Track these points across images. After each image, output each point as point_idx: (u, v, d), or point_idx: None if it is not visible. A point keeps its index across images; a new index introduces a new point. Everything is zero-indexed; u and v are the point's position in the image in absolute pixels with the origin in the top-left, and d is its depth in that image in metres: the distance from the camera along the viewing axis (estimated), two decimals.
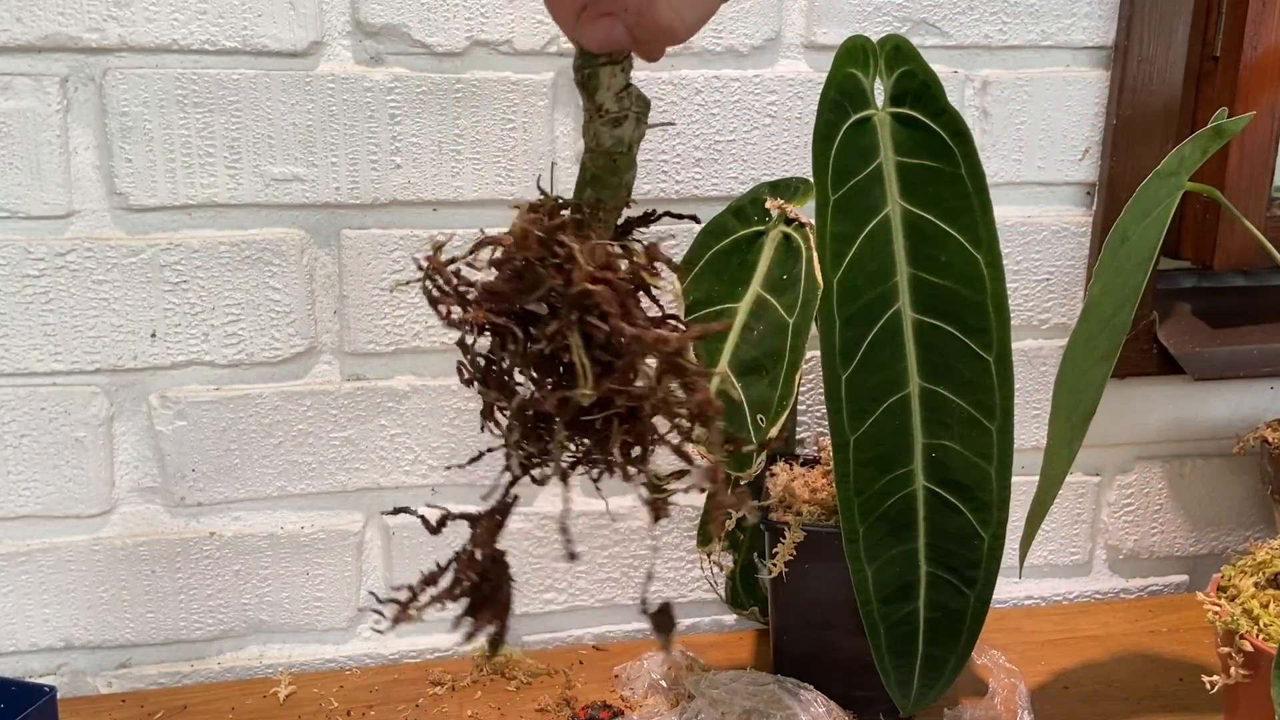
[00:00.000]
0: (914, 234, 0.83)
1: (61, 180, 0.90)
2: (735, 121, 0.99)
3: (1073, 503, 1.15)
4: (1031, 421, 1.10)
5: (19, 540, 0.95)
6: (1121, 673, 1.02)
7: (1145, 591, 1.20)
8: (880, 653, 0.88)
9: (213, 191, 0.92)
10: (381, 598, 0.96)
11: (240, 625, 1.00)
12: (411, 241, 0.96)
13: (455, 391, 0.99)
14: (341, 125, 0.93)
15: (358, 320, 0.97)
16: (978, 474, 0.85)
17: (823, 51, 0.99)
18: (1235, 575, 0.90)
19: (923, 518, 0.86)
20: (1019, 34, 1.02)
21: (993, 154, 1.04)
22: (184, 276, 0.93)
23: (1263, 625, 0.84)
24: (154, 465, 0.96)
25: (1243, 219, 0.85)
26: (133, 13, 0.88)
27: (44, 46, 0.88)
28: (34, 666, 0.98)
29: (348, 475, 1.00)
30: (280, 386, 0.97)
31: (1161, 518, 1.18)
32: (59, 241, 0.91)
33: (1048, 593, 1.18)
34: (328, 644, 1.03)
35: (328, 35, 0.92)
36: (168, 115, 0.90)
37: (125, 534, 0.97)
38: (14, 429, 0.93)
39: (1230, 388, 1.16)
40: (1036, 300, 1.09)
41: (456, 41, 0.93)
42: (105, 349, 0.93)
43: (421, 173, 0.95)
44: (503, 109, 0.95)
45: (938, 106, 0.82)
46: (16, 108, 0.88)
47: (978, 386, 0.84)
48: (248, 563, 0.99)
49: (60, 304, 0.92)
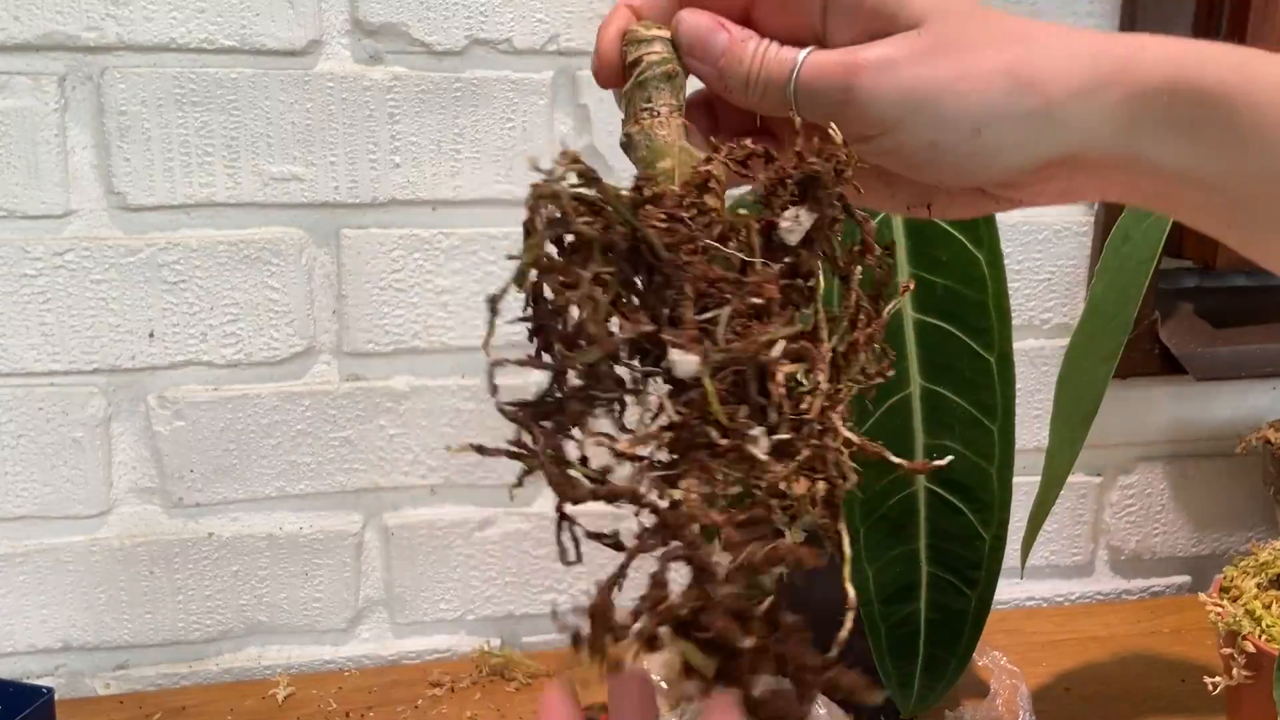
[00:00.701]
0: (915, 233, 0.82)
1: (59, 179, 0.90)
2: None
3: (1074, 503, 1.15)
4: (1033, 422, 1.10)
5: (16, 541, 0.95)
6: (1123, 674, 1.02)
7: (1147, 592, 1.19)
8: (881, 653, 0.87)
9: (211, 191, 0.92)
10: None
11: (239, 626, 1.00)
12: (411, 241, 0.96)
13: (454, 391, 0.99)
14: (340, 124, 0.93)
15: (357, 320, 0.97)
16: (979, 474, 0.85)
17: None
18: (1237, 576, 0.89)
19: (924, 518, 0.86)
20: None
21: None
22: (182, 276, 0.93)
23: (1265, 626, 0.84)
24: (152, 466, 0.96)
25: None
26: (131, 11, 0.88)
27: (42, 45, 0.87)
28: (31, 668, 0.98)
29: (346, 476, 0.99)
30: (279, 387, 0.97)
31: (1163, 518, 1.18)
32: (56, 241, 0.91)
33: (1049, 593, 1.17)
34: (326, 645, 1.03)
35: (326, 34, 0.92)
36: (166, 114, 0.90)
37: (123, 535, 0.96)
38: (11, 429, 0.93)
39: (1232, 388, 1.16)
40: (1038, 300, 1.08)
41: (456, 40, 0.93)
42: (103, 349, 0.93)
43: (421, 172, 0.95)
44: (502, 108, 0.95)
45: None
46: (14, 107, 0.88)
47: (979, 386, 0.84)
48: (246, 563, 0.99)
49: (58, 304, 0.91)
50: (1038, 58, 0.41)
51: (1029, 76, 0.41)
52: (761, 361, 0.36)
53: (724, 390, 0.36)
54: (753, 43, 0.44)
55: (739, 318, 0.37)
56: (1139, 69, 0.41)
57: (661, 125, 0.42)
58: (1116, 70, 0.41)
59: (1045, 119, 0.41)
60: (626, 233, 0.37)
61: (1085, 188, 0.44)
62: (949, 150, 0.42)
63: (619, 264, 0.37)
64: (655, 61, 0.43)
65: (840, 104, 0.42)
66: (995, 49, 0.41)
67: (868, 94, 0.41)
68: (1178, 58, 0.41)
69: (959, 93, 0.41)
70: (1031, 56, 0.41)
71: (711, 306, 0.37)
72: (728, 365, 0.36)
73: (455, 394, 0.99)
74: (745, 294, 0.37)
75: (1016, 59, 0.41)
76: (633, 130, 0.43)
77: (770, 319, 0.37)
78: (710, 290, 0.37)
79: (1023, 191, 0.44)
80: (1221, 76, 0.40)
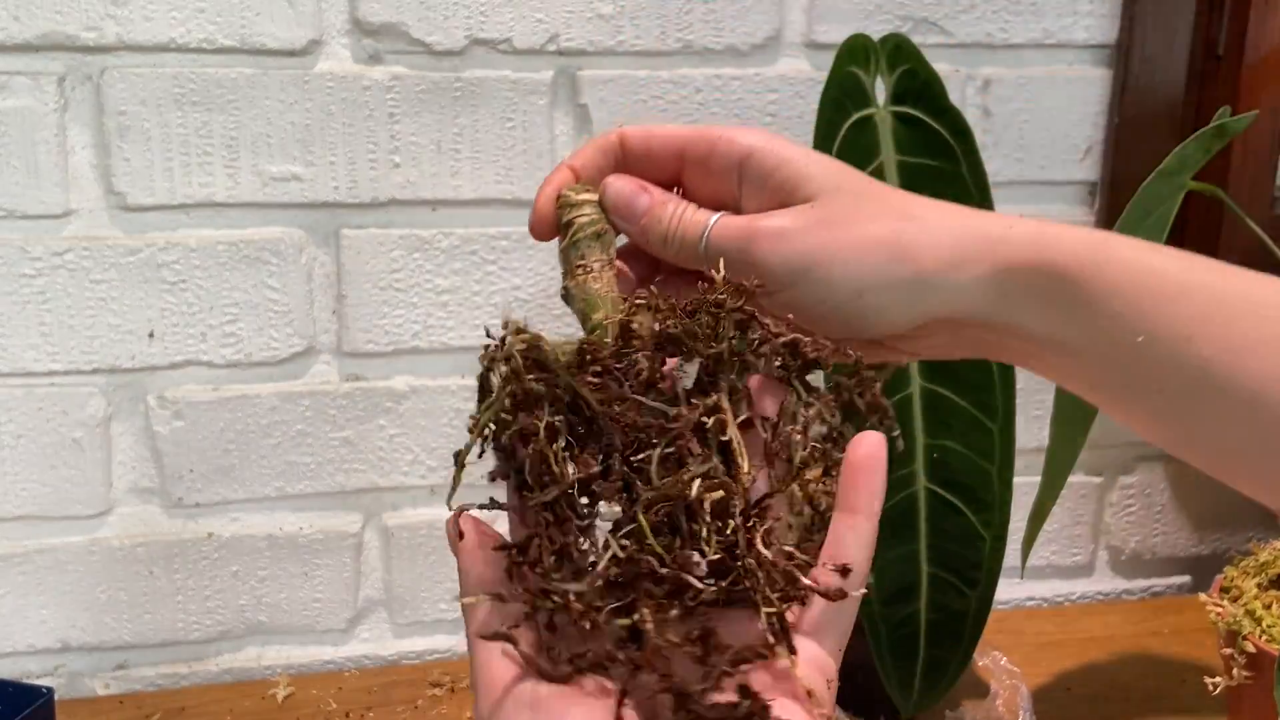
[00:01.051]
0: None
1: (59, 179, 0.90)
2: (735, 121, 0.99)
3: (1075, 503, 1.15)
4: (1033, 422, 1.09)
5: (16, 541, 0.95)
6: (1124, 674, 1.02)
7: (1147, 593, 1.19)
8: (881, 654, 0.87)
9: (210, 191, 0.92)
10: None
11: (238, 626, 1.00)
12: (410, 241, 0.96)
13: (454, 392, 0.99)
14: (340, 124, 0.93)
15: (356, 320, 0.96)
16: (979, 474, 0.85)
17: (824, 50, 0.99)
18: (1238, 576, 0.89)
19: (924, 518, 0.86)
20: (1021, 32, 1.02)
21: (994, 153, 1.04)
22: (182, 276, 0.93)
23: (1265, 626, 0.84)
24: (151, 466, 0.96)
25: (1246, 218, 0.85)
26: (130, 11, 0.88)
27: (41, 45, 0.87)
28: (31, 668, 0.97)
29: (346, 476, 0.99)
30: (278, 387, 0.96)
31: (1164, 518, 1.18)
32: (56, 241, 0.91)
33: (1050, 594, 1.17)
34: (326, 645, 1.03)
35: (326, 34, 0.91)
36: (165, 114, 0.90)
37: (123, 535, 0.96)
38: (11, 429, 0.93)
39: None
40: None
41: (455, 40, 0.93)
42: (103, 349, 0.93)
43: (420, 172, 0.95)
44: (502, 108, 0.95)
45: (939, 105, 0.82)
46: (13, 106, 0.88)
47: (979, 386, 0.84)
48: (246, 564, 0.99)
49: (57, 304, 0.91)
50: (916, 233, 0.47)
51: (906, 249, 0.47)
52: (685, 496, 0.40)
53: (656, 522, 0.40)
54: (671, 205, 0.50)
55: (671, 458, 0.41)
56: (1006, 247, 0.46)
57: (595, 279, 0.47)
58: (986, 248, 0.47)
59: (920, 286, 0.47)
60: (567, 389, 0.42)
61: (969, 344, 0.50)
62: (837, 309, 0.48)
63: (565, 414, 0.42)
64: (585, 223, 0.48)
65: (743, 263, 0.47)
66: (879, 223, 0.47)
67: (764, 257, 0.47)
68: (1040, 239, 0.46)
69: (844, 260, 0.47)
70: (911, 231, 0.47)
71: (644, 448, 0.41)
72: (658, 502, 0.40)
73: (455, 394, 0.99)
74: (671, 437, 0.41)
75: (896, 233, 0.47)
76: (570, 285, 0.48)
77: (692, 457, 0.41)
78: (641, 435, 0.42)
79: (911, 344, 0.50)
80: (1079, 256, 0.45)
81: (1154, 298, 0.45)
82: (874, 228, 0.47)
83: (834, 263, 0.47)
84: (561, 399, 0.42)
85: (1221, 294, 0.45)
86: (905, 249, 0.47)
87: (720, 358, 0.43)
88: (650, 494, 0.40)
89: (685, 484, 0.40)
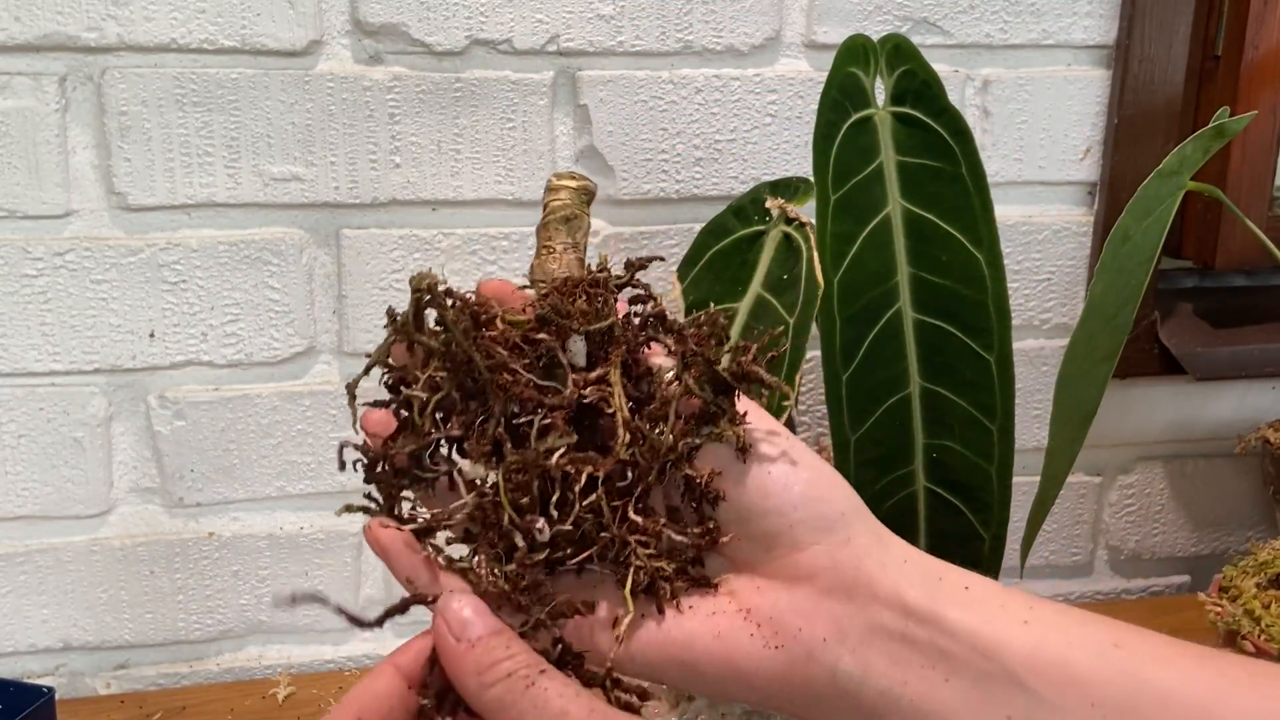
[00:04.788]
0: (915, 233, 0.83)
1: (60, 180, 0.90)
2: (735, 121, 0.99)
3: (1074, 503, 1.15)
4: (1033, 422, 1.10)
5: (17, 541, 0.95)
6: None
7: (1147, 592, 1.19)
8: None
9: (211, 191, 0.92)
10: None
11: (239, 626, 1.00)
12: (411, 241, 0.96)
13: None
14: (340, 124, 0.93)
15: (357, 320, 0.97)
16: (979, 474, 0.85)
17: (823, 50, 0.99)
18: (1237, 576, 0.89)
19: (923, 518, 0.86)
20: (1020, 33, 1.02)
21: (994, 153, 1.04)
22: (182, 276, 0.93)
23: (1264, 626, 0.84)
24: (152, 465, 0.96)
25: (1244, 219, 0.85)
26: (131, 12, 0.88)
27: (42, 45, 0.88)
28: (32, 667, 0.98)
29: (346, 476, 0.99)
30: (279, 386, 0.97)
31: (1163, 518, 1.18)
32: (57, 241, 0.91)
33: (1049, 593, 1.17)
34: (327, 645, 1.03)
35: (327, 34, 0.92)
36: (166, 114, 0.90)
37: (124, 534, 0.96)
38: (12, 429, 0.93)
39: (1232, 388, 1.16)
40: (1038, 300, 1.09)
41: (456, 40, 0.93)
42: (104, 349, 0.93)
43: (421, 172, 0.95)
44: (502, 108, 0.95)
45: (938, 106, 0.82)
46: (14, 107, 0.88)
47: (979, 386, 0.84)
48: (246, 563, 0.99)
49: (58, 304, 0.92)
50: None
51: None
52: (543, 465, 0.43)
53: (515, 486, 0.43)
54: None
55: (550, 430, 0.44)
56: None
57: (554, 260, 0.49)
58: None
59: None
60: (461, 350, 0.44)
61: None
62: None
63: (456, 372, 0.44)
64: (558, 206, 0.50)
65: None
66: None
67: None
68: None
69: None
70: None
71: (525, 416, 0.44)
72: (520, 468, 0.43)
73: None
74: (549, 409, 0.44)
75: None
76: (534, 263, 0.50)
77: (559, 429, 0.44)
78: (526, 404, 0.44)
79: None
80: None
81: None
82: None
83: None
84: (458, 358, 0.44)
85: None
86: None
87: (606, 334, 0.45)
88: (513, 459, 0.43)
89: (542, 455, 0.43)
